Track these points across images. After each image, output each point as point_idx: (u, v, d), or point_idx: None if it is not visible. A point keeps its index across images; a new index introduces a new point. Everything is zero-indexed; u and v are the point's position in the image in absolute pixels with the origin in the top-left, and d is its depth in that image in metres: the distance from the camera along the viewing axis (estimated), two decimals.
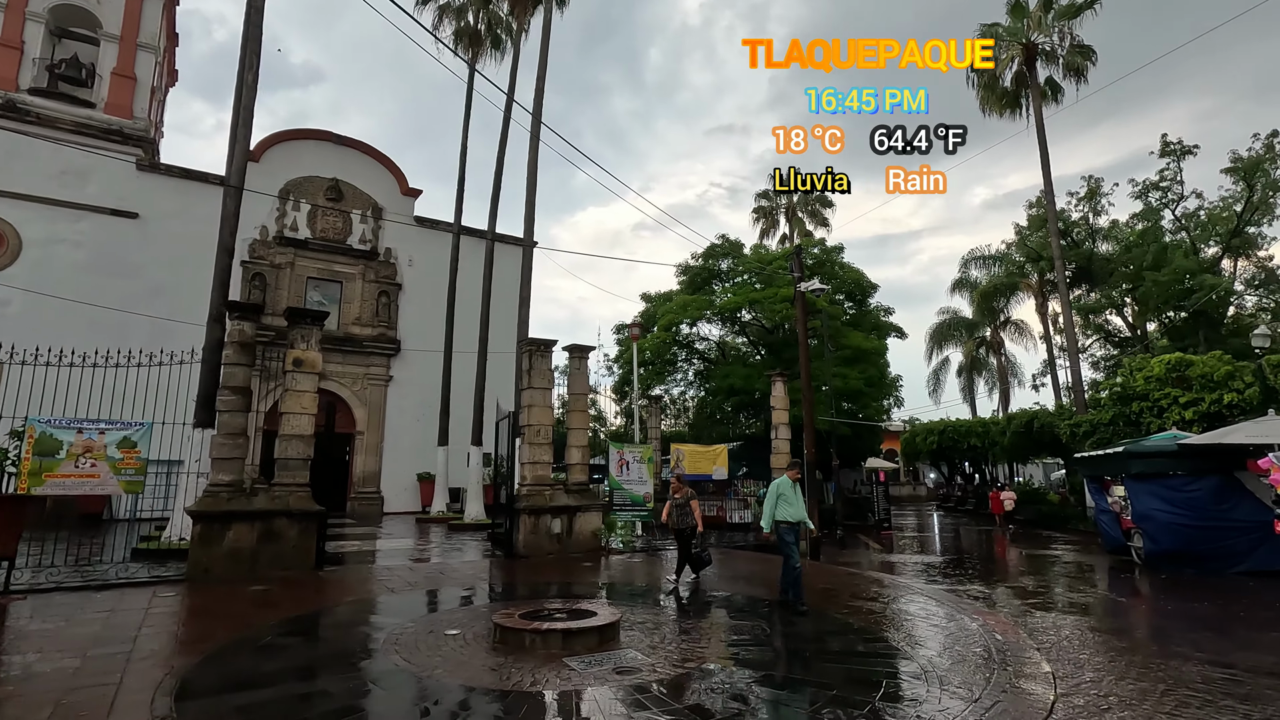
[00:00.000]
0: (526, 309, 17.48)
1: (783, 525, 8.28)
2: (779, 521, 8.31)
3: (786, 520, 8.27)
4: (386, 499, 24.96)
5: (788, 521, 8.28)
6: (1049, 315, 35.85)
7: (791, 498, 8.34)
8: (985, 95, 26.28)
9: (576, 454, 13.77)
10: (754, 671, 5.87)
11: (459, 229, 23.33)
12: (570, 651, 6.21)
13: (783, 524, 8.26)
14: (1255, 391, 14.86)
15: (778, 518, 8.31)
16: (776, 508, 8.31)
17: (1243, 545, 12.36)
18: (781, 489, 8.37)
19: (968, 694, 5.31)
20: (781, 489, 8.37)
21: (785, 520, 8.27)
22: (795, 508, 8.34)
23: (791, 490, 8.38)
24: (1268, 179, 25.30)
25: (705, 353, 30.98)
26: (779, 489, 8.39)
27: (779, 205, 40.48)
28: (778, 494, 8.36)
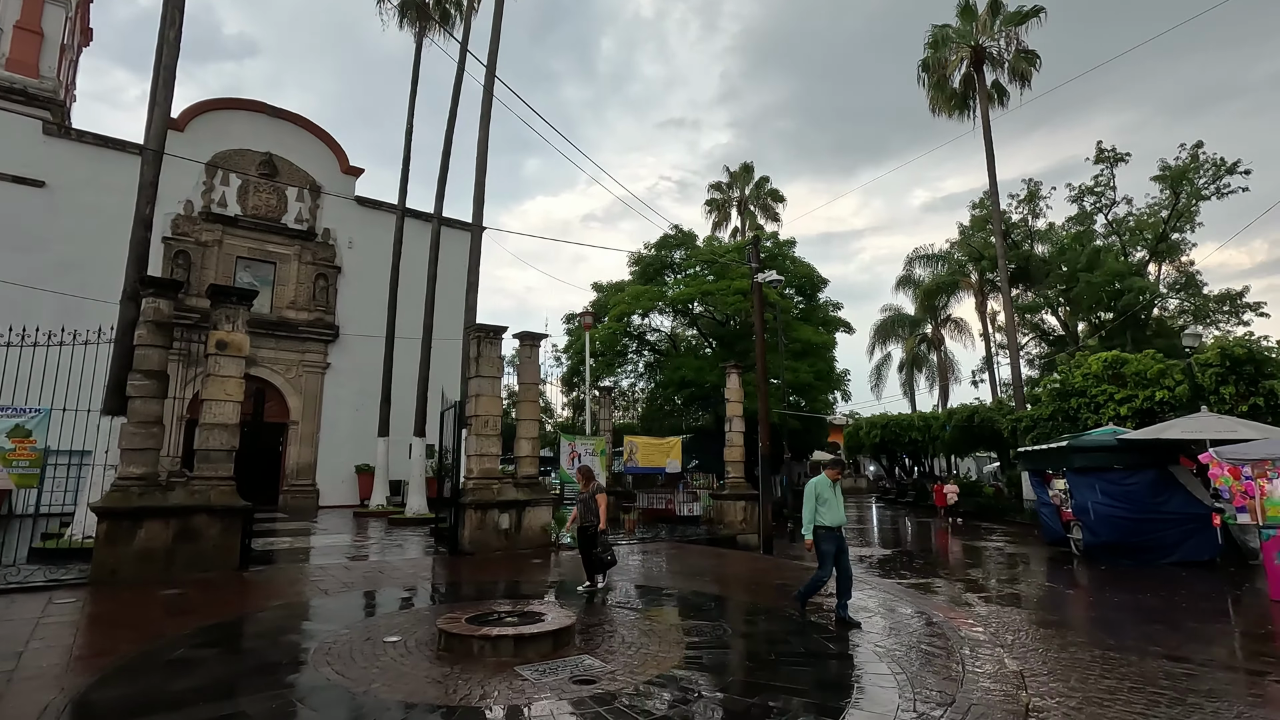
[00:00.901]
0: (474, 295, 16.76)
1: (820, 530, 7.45)
2: (819, 527, 7.46)
3: (826, 525, 7.44)
4: (322, 492, 23.79)
5: (827, 526, 7.44)
6: (988, 313, 37.02)
7: (831, 499, 7.49)
8: (935, 95, 26.73)
9: (526, 446, 13.22)
10: (721, 678, 5.53)
11: (403, 210, 22.29)
12: (522, 659, 5.75)
13: (821, 529, 7.44)
14: (1185, 389, 15.47)
15: (818, 521, 7.44)
16: (816, 511, 7.45)
17: (1174, 537, 12.81)
18: (820, 489, 7.51)
19: (942, 698, 5.11)
20: (820, 489, 7.51)
21: (825, 525, 7.43)
22: (836, 511, 7.49)
23: (831, 491, 7.53)
24: (1192, 187, 26.58)
25: (656, 345, 30.67)
26: (817, 489, 7.52)
27: (731, 198, 40.49)
28: (816, 495, 7.49)
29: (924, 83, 27.09)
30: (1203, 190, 26.41)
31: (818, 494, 7.49)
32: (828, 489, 7.52)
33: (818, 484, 7.55)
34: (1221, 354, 15.54)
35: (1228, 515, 10.34)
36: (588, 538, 8.97)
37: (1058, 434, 17.16)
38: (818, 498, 7.47)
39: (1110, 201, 28.85)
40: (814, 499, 7.47)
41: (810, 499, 7.49)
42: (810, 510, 7.48)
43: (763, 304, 14.97)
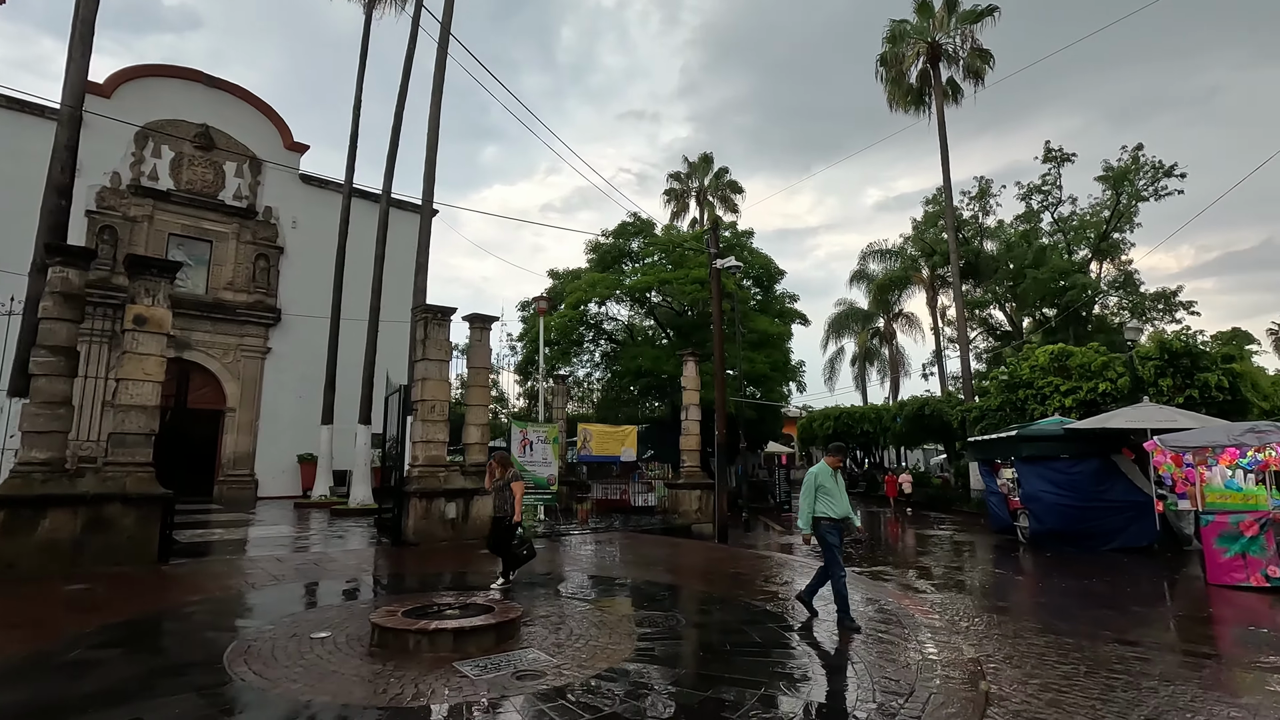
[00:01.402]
0: (424, 276, 16.08)
1: (824, 523, 6.85)
2: (820, 518, 6.88)
3: (829, 517, 6.82)
4: (261, 482, 22.73)
5: (830, 518, 6.83)
6: (938, 308, 37.80)
7: (834, 489, 6.91)
8: (892, 90, 26.99)
9: (475, 433, 12.72)
10: (674, 670, 5.25)
11: (350, 189, 21.33)
12: (463, 654, 5.36)
13: (824, 521, 6.84)
14: (1126, 381, 15.89)
15: (819, 513, 6.87)
16: (816, 501, 6.89)
17: (1116, 524, 13.12)
18: (821, 479, 6.93)
19: (901, 687, 4.93)
20: (821, 479, 6.93)
21: (828, 517, 6.82)
22: (839, 501, 6.89)
23: (833, 480, 6.95)
24: (1132, 189, 27.52)
25: (613, 334, 30.31)
26: (818, 479, 6.94)
27: (690, 189, 40.30)
28: (816, 485, 6.91)
29: (882, 77, 27.31)
30: (1142, 192, 27.39)
31: (818, 483, 6.92)
32: (829, 478, 6.95)
33: (818, 473, 6.98)
34: (1161, 348, 16.02)
35: (1170, 502, 10.59)
36: (502, 530, 8.28)
37: (1006, 424, 17.48)
38: (819, 487, 6.90)
39: (1056, 200, 29.71)
40: (814, 489, 6.91)
41: (810, 489, 6.94)
42: (809, 500, 6.92)
43: (721, 291, 14.76)
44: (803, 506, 6.98)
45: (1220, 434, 9.84)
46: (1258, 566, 8.93)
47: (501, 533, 8.29)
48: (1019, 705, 4.68)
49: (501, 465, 8.53)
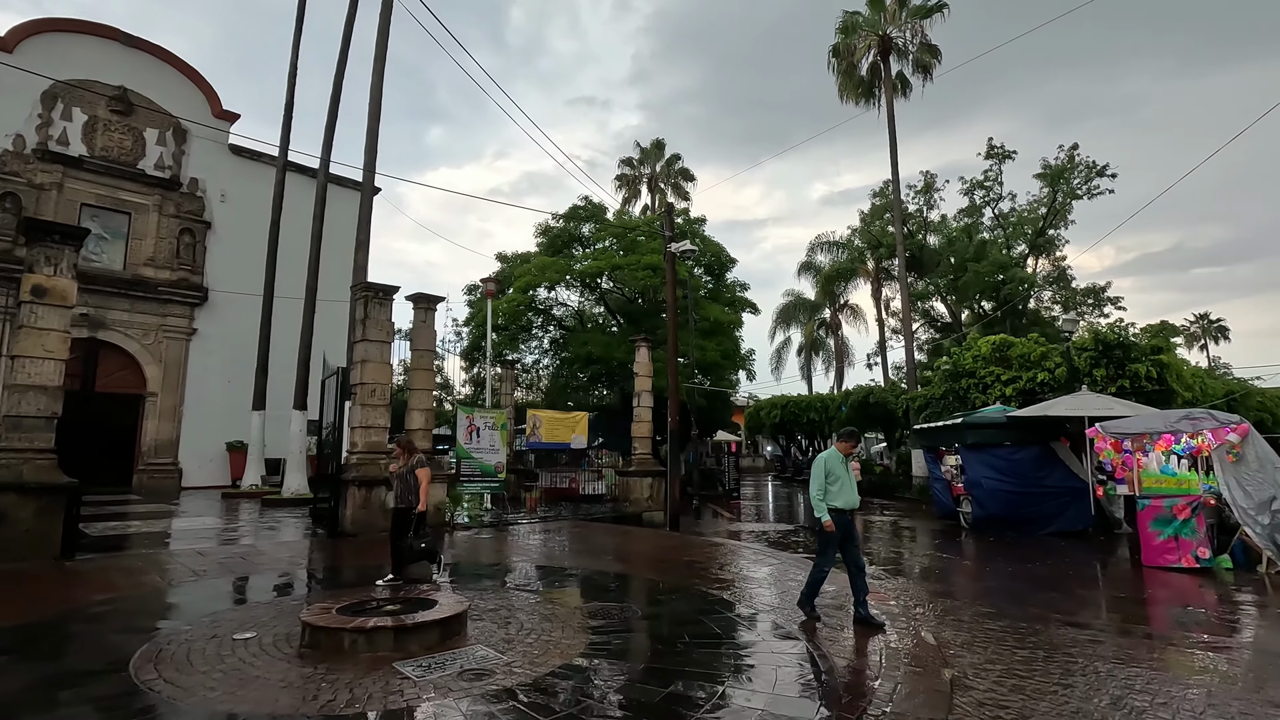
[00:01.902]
0: (365, 254, 15.26)
1: (831, 514, 6.38)
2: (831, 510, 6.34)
3: (836, 507, 6.34)
4: (186, 472, 21.40)
5: (837, 509, 6.34)
6: (882, 300, 38.58)
7: (844, 477, 6.40)
8: (844, 81, 27.16)
9: (419, 418, 12.14)
10: (630, 665, 4.97)
11: (284, 162, 20.12)
12: (404, 653, 4.96)
13: (833, 512, 6.36)
14: (1063, 371, 16.41)
15: (829, 502, 6.32)
16: (826, 490, 6.34)
17: (1053, 509, 13.53)
18: (830, 465, 6.39)
19: (866, 677, 4.78)
20: (830, 465, 6.39)
21: (834, 507, 6.34)
22: (849, 491, 6.39)
23: (843, 467, 6.43)
24: (1068, 187, 28.56)
25: (563, 320, 29.77)
26: (827, 465, 6.39)
27: (642, 174, 39.89)
28: (825, 471, 6.37)
29: (834, 68, 27.44)
30: (1076, 190, 28.44)
31: (828, 470, 6.37)
32: (839, 464, 6.42)
33: (828, 459, 6.44)
34: (1096, 339, 16.60)
35: (1109, 488, 10.93)
36: (403, 522, 7.54)
37: (949, 413, 17.85)
38: (828, 474, 6.35)
39: (997, 196, 30.56)
40: (823, 475, 6.35)
41: (819, 475, 6.38)
42: (819, 488, 6.34)
43: (675, 275, 14.51)
44: (814, 495, 6.38)
45: (1157, 421, 10.17)
46: (1188, 548, 9.26)
47: (401, 524, 7.55)
48: (984, 694, 4.59)
49: (407, 450, 7.83)
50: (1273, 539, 8.74)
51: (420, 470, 7.57)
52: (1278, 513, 8.72)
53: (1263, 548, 8.82)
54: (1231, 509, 9.15)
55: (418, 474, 7.54)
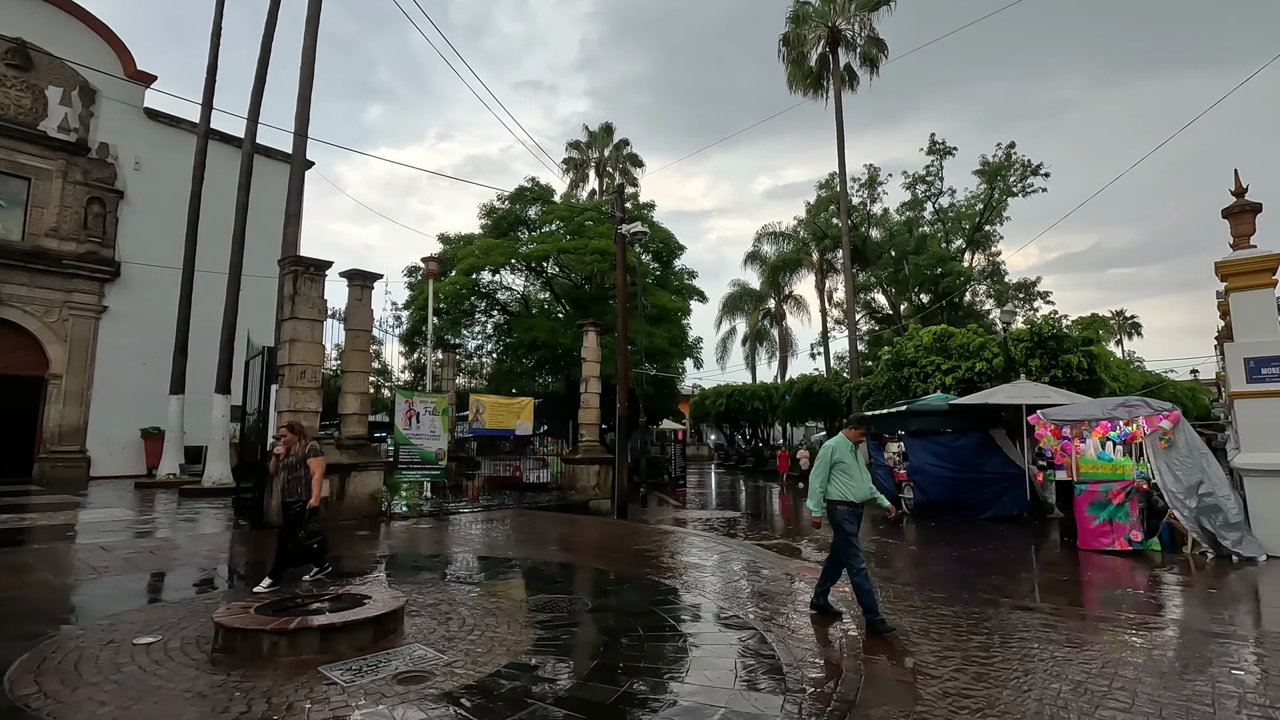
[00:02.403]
0: (296, 227, 14.28)
1: (841, 508, 5.62)
2: (835, 503, 5.66)
3: (847, 501, 5.61)
4: (96, 460, 19.88)
5: (849, 503, 5.61)
6: (825, 291, 39.24)
7: (854, 467, 5.71)
8: (793, 71, 27.27)
9: (353, 402, 11.45)
10: (581, 662, 4.65)
11: (206, 128, 18.75)
12: (332, 655, 4.51)
13: (841, 506, 5.61)
14: (1000, 361, 16.89)
15: (832, 496, 5.66)
16: (830, 481, 5.69)
17: (991, 494, 13.87)
18: (838, 454, 5.72)
19: (828, 668, 4.60)
20: (838, 454, 5.72)
21: (845, 501, 5.61)
22: (859, 482, 5.69)
23: (852, 457, 5.75)
24: (1004, 184, 29.57)
25: (507, 305, 29.03)
26: (833, 454, 5.72)
27: (590, 159, 39.26)
28: (832, 461, 5.71)
29: (784, 57, 27.52)
30: (1012, 187, 29.48)
31: (834, 459, 5.71)
32: (849, 453, 5.75)
33: (836, 447, 5.77)
34: (1032, 331, 17.11)
35: (1049, 474, 11.21)
36: (291, 517, 6.68)
37: (891, 401, 18.16)
38: (834, 464, 5.71)
39: (938, 191, 31.43)
40: (828, 465, 5.71)
41: (823, 465, 5.72)
42: (822, 479, 5.70)
43: (625, 256, 14.15)
44: (813, 485, 5.73)
45: (1095, 408, 10.46)
46: (1122, 531, 9.55)
47: (290, 520, 6.66)
48: (947, 683, 4.46)
49: (297, 436, 6.89)
50: (1198, 522, 9.08)
51: (313, 460, 6.72)
52: (1204, 497, 9.06)
53: (1189, 530, 9.15)
54: (1163, 493, 9.47)
55: (310, 464, 6.69)
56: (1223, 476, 9.26)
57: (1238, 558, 8.74)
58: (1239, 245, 9.66)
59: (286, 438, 6.87)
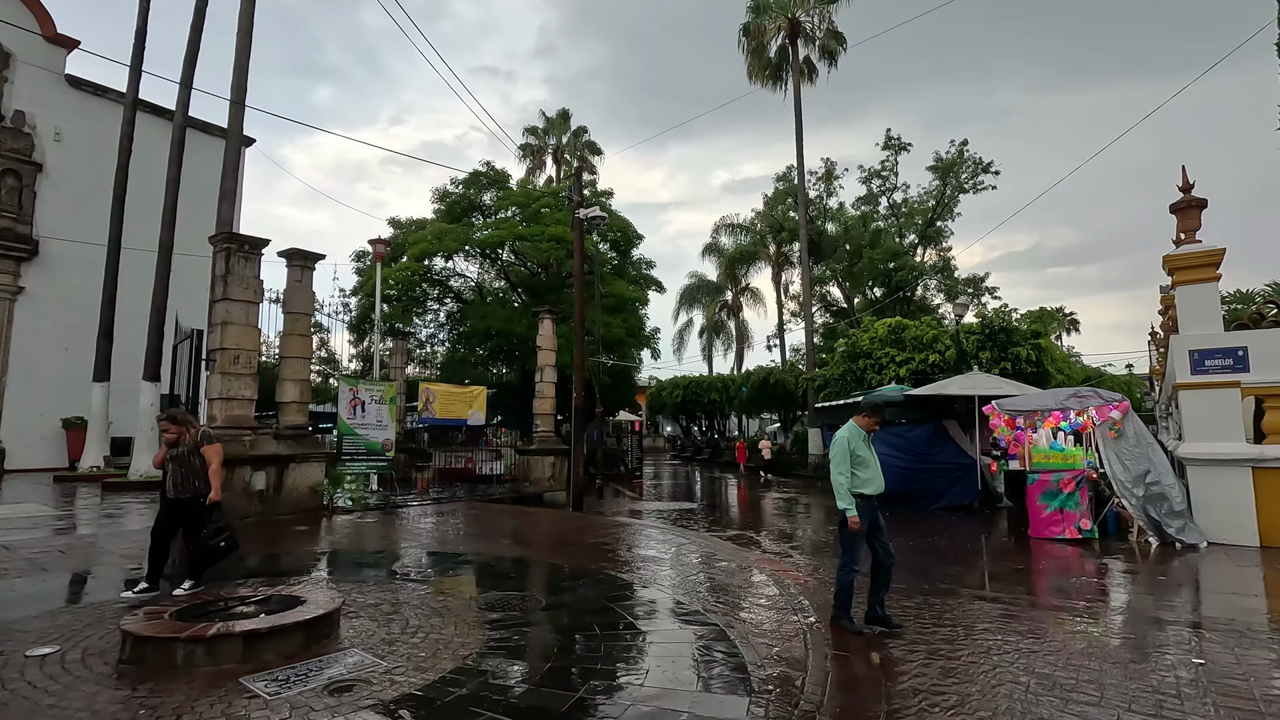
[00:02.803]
0: (232, 205, 13.44)
1: (858, 502, 5.22)
2: (854, 495, 5.22)
3: (863, 494, 5.22)
4: (10, 452, 18.47)
5: (864, 496, 5.22)
6: (782, 283, 39.50)
7: (870, 459, 5.32)
8: (753, 61, 27.18)
9: (292, 390, 10.81)
10: (535, 665, 4.33)
11: (135, 97, 17.50)
12: (257, 665, 4.08)
13: (859, 499, 5.22)
14: (953, 353, 17.15)
15: (855, 489, 5.21)
16: (854, 474, 5.23)
17: (943, 484, 14.04)
18: (854, 444, 5.27)
19: (794, 664, 4.40)
20: (854, 444, 5.27)
21: (861, 494, 5.22)
22: (875, 473, 5.32)
23: (866, 447, 5.34)
24: (956, 181, 30.15)
25: (461, 293, 28.26)
26: (850, 444, 5.26)
27: (547, 145, 38.53)
28: (850, 452, 5.24)
29: (744, 48, 27.40)
30: (964, 184, 30.09)
31: (852, 450, 5.23)
32: (863, 444, 5.32)
33: (850, 438, 5.29)
34: (983, 324, 17.41)
35: (1003, 463, 11.35)
36: (188, 516, 5.86)
37: (847, 393, 18.28)
38: (853, 456, 5.23)
39: (892, 186, 31.84)
40: (848, 457, 5.21)
41: (844, 457, 5.22)
42: (845, 473, 5.20)
43: (583, 243, 13.77)
44: (838, 481, 5.21)
45: (1048, 399, 10.61)
46: (1072, 520, 9.70)
47: (185, 517, 5.86)
48: (915, 679, 4.31)
49: (182, 424, 6.01)
50: (1145, 510, 9.28)
51: (209, 448, 5.93)
52: (1151, 485, 9.25)
53: (1136, 518, 9.34)
54: (1111, 482, 9.64)
55: (205, 453, 5.90)
56: (1167, 466, 9.48)
57: (1181, 545, 8.95)
58: (1186, 240, 9.87)
59: (171, 428, 5.96)
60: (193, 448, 5.92)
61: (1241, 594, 7.03)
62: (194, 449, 5.92)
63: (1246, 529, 8.94)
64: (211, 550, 5.80)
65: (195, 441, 5.95)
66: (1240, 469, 9.04)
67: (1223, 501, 9.10)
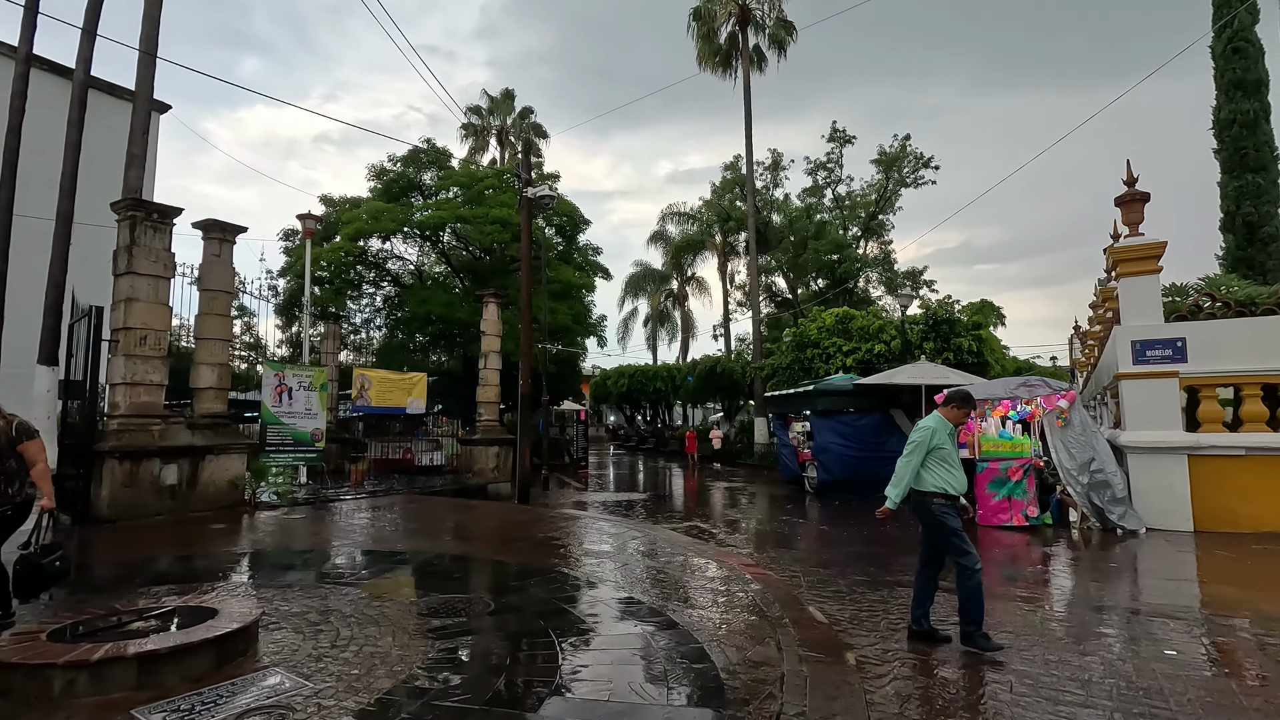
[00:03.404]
0: (140, 172, 12.16)
1: (939, 501, 4.63)
2: (930, 495, 4.64)
3: (946, 493, 4.64)
4: None
5: (947, 495, 4.64)
6: (728, 273, 39.57)
7: (952, 454, 4.73)
8: (703, 47, 26.86)
9: (209, 374, 9.88)
10: (485, 682, 3.85)
11: (28, 51, 15.71)
12: (155, 691, 3.49)
13: (939, 499, 4.63)
14: (898, 343, 17.36)
15: (927, 487, 4.65)
16: (925, 468, 4.68)
17: (889, 473, 14.07)
18: (938, 438, 4.71)
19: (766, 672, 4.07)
20: (938, 438, 4.71)
21: (944, 493, 4.63)
22: (959, 470, 4.77)
23: (952, 442, 4.78)
24: (899, 175, 30.70)
25: (399, 276, 27.02)
26: (934, 437, 4.70)
27: (491, 126, 37.29)
28: (930, 445, 4.68)
29: (694, 33, 27.04)
30: (906, 179, 30.68)
31: (935, 443, 4.69)
32: (948, 438, 4.76)
33: (935, 429, 4.73)
34: (927, 314, 17.67)
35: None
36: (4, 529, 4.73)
37: (795, 382, 18.29)
38: (933, 449, 4.68)
39: (837, 179, 32.16)
40: (924, 449, 4.67)
41: (919, 450, 4.67)
42: (915, 465, 4.67)
43: (531, 224, 13.15)
44: (902, 473, 4.69)
45: (998, 388, 10.71)
46: (1020, 507, 9.81)
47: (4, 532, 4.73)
48: (896, 680, 4.06)
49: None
50: (1089, 498, 9.45)
51: (29, 444, 4.74)
52: (1095, 473, 9.42)
53: (1080, 505, 9.51)
54: (1058, 470, 9.79)
55: (25, 450, 4.72)
56: (1110, 454, 9.67)
57: (1122, 530, 9.15)
58: (1130, 233, 10.06)
59: None
60: (8, 444, 4.68)
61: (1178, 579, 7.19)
62: (9, 446, 4.68)
63: (1182, 515, 9.20)
64: (42, 572, 4.65)
65: (10, 438, 4.69)
66: (1177, 456, 9.30)
67: (1160, 488, 9.34)
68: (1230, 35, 17.00)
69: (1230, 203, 17.51)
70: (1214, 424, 9.46)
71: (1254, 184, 17.10)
